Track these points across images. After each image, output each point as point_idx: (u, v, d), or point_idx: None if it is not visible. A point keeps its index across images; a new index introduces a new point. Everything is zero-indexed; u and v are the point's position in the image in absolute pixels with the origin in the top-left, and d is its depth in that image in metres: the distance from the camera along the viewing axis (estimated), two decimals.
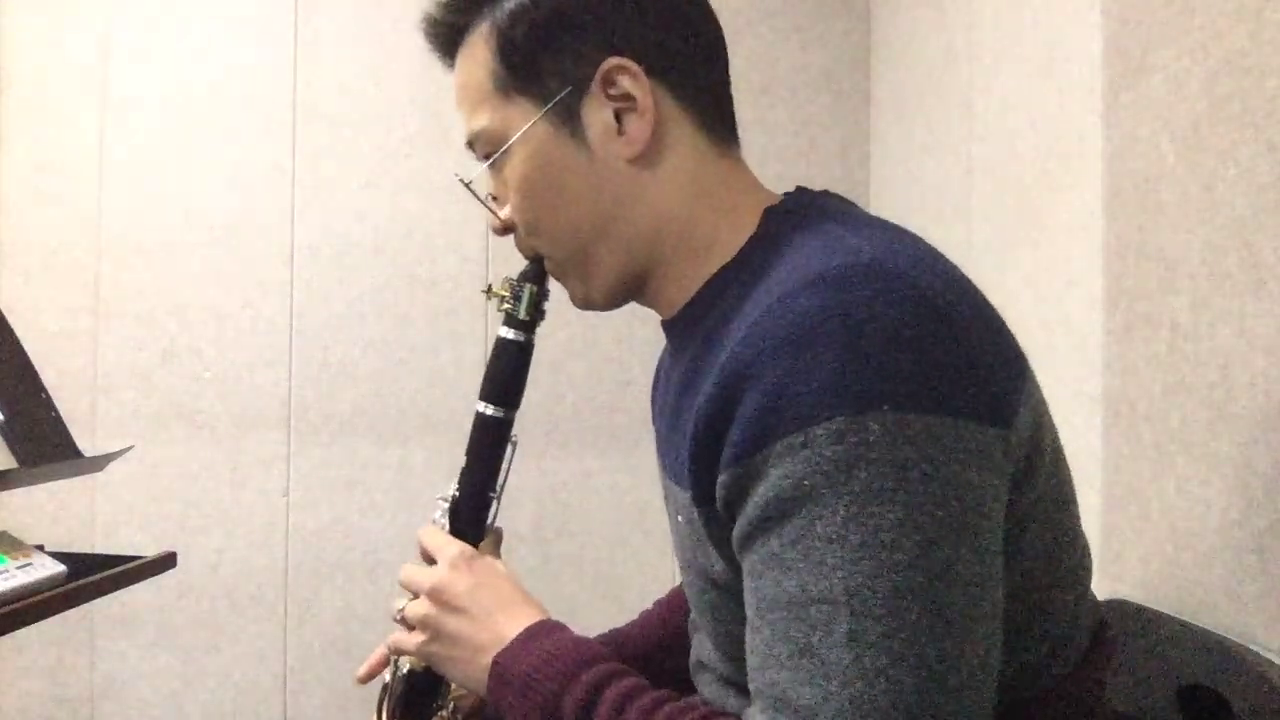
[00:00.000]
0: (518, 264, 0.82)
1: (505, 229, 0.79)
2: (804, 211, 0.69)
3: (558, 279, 0.79)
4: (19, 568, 1.02)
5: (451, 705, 0.86)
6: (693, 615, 0.81)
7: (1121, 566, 1.10)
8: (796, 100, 2.07)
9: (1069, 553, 0.66)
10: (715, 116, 0.73)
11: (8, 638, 0.99)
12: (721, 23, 0.76)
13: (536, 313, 0.80)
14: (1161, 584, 1.02)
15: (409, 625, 0.78)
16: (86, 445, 1.23)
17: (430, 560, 0.79)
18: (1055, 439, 0.66)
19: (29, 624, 0.99)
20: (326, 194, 2.09)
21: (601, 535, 2.10)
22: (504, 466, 0.82)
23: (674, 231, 0.72)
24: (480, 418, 0.82)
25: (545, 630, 0.70)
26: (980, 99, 1.52)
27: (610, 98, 0.69)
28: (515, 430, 0.83)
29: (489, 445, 0.83)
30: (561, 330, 2.05)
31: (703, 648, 0.77)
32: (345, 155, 2.09)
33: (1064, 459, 0.67)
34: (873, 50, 2.11)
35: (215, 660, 2.07)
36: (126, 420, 2.06)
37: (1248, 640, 0.84)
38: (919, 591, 0.52)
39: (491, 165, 0.76)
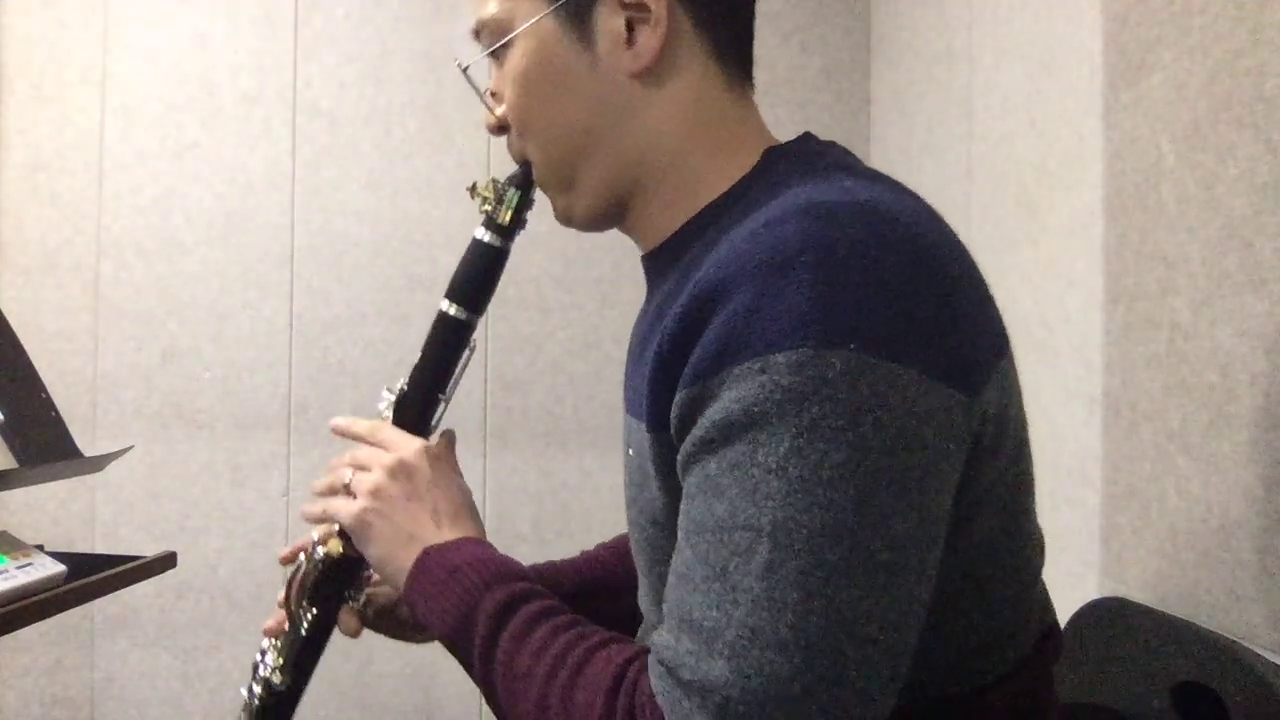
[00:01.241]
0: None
1: (500, 127, 0.75)
2: (808, 156, 0.67)
3: (542, 188, 0.76)
4: (19, 568, 1.02)
5: (364, 599, 0.85)
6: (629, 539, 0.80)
7: (1121, 566, 1.10)
8: (796, 100, 2.07)
9: (1017, 546, 0.64)
10: (732, 47, 0.70)
11: (8, 638, 0.99)
12: None
13: (517, 220, 0.77)
14: (1161, 584, 1.02)
15: (350, 493, 0.75)
16: (86, 445, 1.23)
17: (385, 449, 0.77)
18: (1022, 430, 0.63)
19: (29, 624, 0.99)
20: (326, 194, 2.09)
21: (601, 535, 2.09)
22: (458, 370, 0.80)
23: (665, 157, 0.69)
24: (443, 316, 0.79)
25: (479, 544, 0.70)
26: (980, 99, 1.52)
27: (624, 5, 0.66)
28: (474, 339, 0.80)
29: (447, 346, 0.80)
30: (562, 330, 2.05)
31: (641, 600, 0.75)
32: (345, 155, 2.09)
33: (1029, 454, 0.65)
34: (873, 50, 2.11)
35: (215, 660, 2.07)
36: (126, 420, 2.06)
37: (1248, 640, 0.84)
38: (846, 535, 0.50)
39: (493, 56, 0.72)
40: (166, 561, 1.21)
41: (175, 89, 2.09)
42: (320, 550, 0.80)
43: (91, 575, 1.08)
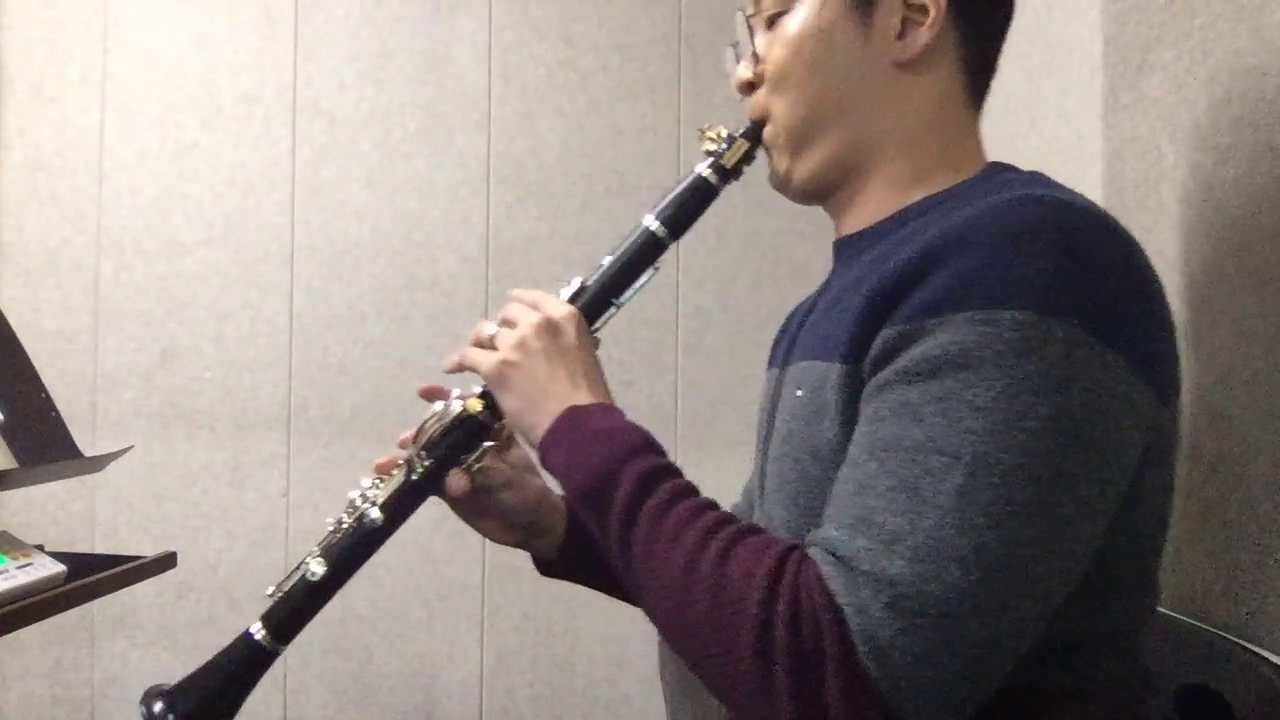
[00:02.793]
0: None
1: (750, 85, 0.80)
2: (1026, 175, 0.72)
3: (769, 148, 0.80)
4: (19, 568, 1.02)
5: (476, 469, 0.85)
6: (750, 502, 0.82)
7: None
8: None
9: (1146, 567, 0.66)
10: (979, 72, 0.76)
11: (8, 638, 0.99)
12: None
13: (738, 168, 0.81)
14: (1162, 584, 1.02)
15: (492, 346, 0.78)
16: (86, 445, 1.23)
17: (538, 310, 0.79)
18: (1174, 468, 0.67)
19: (29, 624, 0.99)
20: (326, 194, 2.09)
21: None
22: (639, 283, 0.82)
23: (899, 145, 0.74)
24: (646, 232, 0.81)
25: (621, 414, 0.73)
26: None
27: (906, 4, 0.72)
28: (659, 261, 0.82)
29: (638, 259, 0.82)
30: None
31: (765, 511, 0.77)
32: (345, 155, 2.09)
33: (1172, 491, 0.68)
34: None
35: None
36: (126, 420, 2.06)
37: (1248, 640, 0.84)
38: (1037, 483, 0.54)
39: (770, 24, 0.77)
40: (166, 561, 1.21)
41: (175, 89, 2.09)
42: (457, 404, 0.82)
43: (91, 575, 1.09)
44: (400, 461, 0.84)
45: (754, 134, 0.80)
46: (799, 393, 0.71)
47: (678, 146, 2.05)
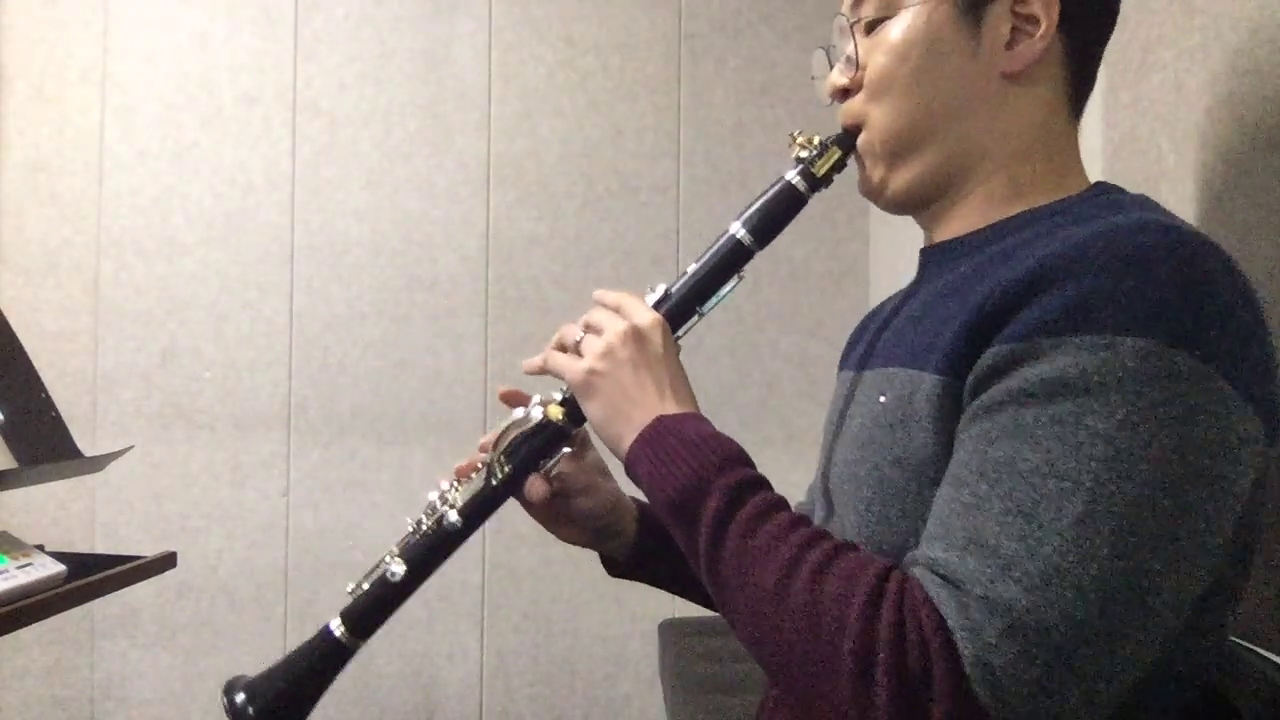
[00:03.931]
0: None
1: (843, 92, 0.78)
2: (1135, 197, 0.71)
3: (863, 156, 0.78)
4: (19, 568, 1.02)
5: (555, 470, 0.86)
6: (822, 507, 0.80)
7: None
8: (797, 100, 2.07)
9: (1241, 586, 0.64)
10: (1082, 85, 0.74)
11: (8, 638, 0.99)
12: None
13: (828, 176, 0.79)
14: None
15: (578, 352, 0.77)
16: (86, 445, 1.23)
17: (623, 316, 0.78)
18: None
19: (29, 624, 0.99)
20: (326, 194, 2.09)
21: None
22: (724, 291, 0.81)
23: (1003, 156, 0.73)
24: (731, 239, 0.79)
25: (710, 424, 0.72)
26: None
27: (1016, 14, 0.70)
28: (745, 271, 0.81)
29: (724, 266, 0.80)
30: None
31: (837, 516, 0.75)
32: (345, 155, 2.09)
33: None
34: None
35: (215, 660, 2.07)
36: (126, 420, 2.06)
37: (1248, 640, 0.84)
38: (1161, 514, 0.53)
39: (871, 30, 0.76)
40: (166, 561, 1.21)
41: (175, 89, 2.09)
42: (538, 410, 0.82)
43: (91, 575, 1.08)
44: (479, 465, 0.84)
45: (848, 142, 0.78)
46: (882, 399, 0.69)
47: (678, 147, 2.05)
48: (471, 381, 2.07)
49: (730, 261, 0.80)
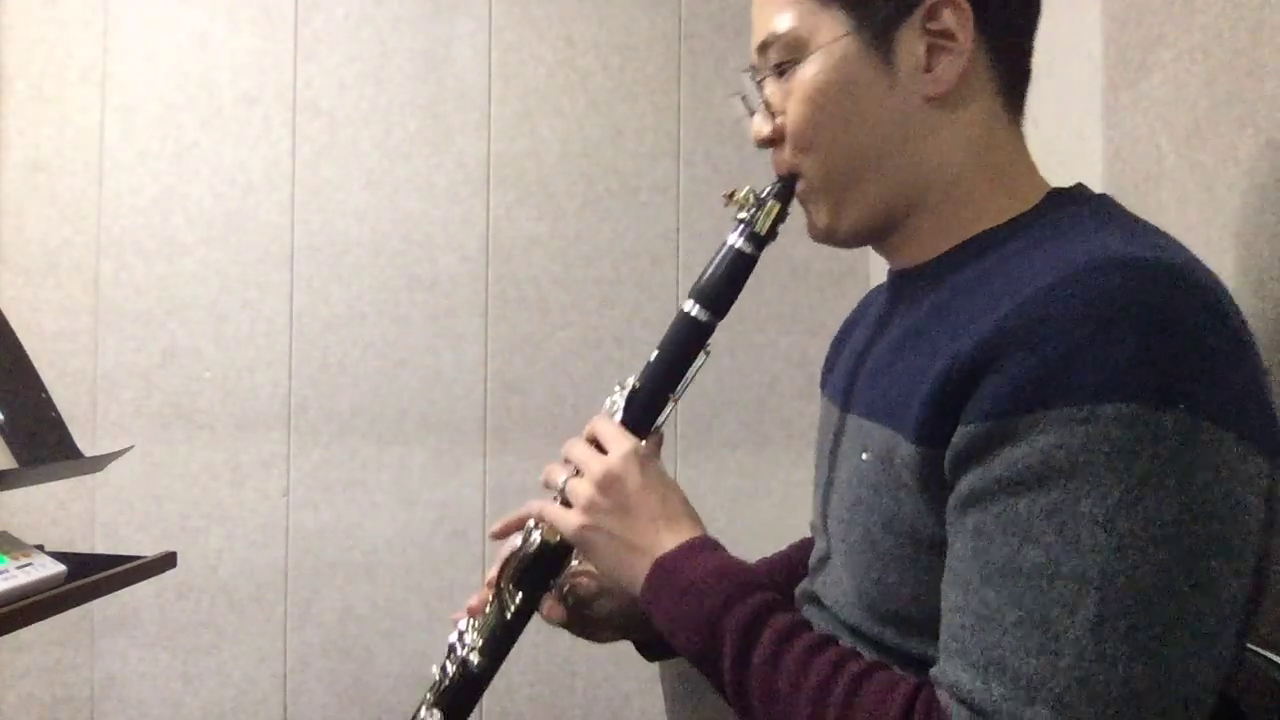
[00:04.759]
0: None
1: (769, 140, 0.74)
2: (1090, 202, 0.68)
3: (805, 203, 0.76)
4: (19, 568, 1.02)
5: (567, 585, 0.85)
6: (819, 555, 0.79)
7: None
8: None
9: (1257, 609, 0.63)
10: (1016, 85, 0.71)
11: (8, 638, 0.99)
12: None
13: (773, 230, 0.77)
14: None
15: (565, 502, 0.77)
16: (86, 445, 1.23)
17: (598, 447, 0.77)
18: None
19: (29, 624, 0.99)
20: (326, 194, 2.09)
21: None
22: (691, 372, 0.80)
23: (947, 183, 0.69)
24: (685, 317, 0.78)
25: (709, 546, 0.71)
26: None
27: (929, 31, 0.66)
28: (710, 343, 0.80)
29: (685, 347, 0.79)
30: (562, 331, 2.05)
31: (833, 589, 0.75)
32: (345, 155, 2.09)
33: None
34: None
35: (215, 660, 2.07)
36: (126, 420, 2.06)
37: (1248, 640, 0.84)
38: (1176, 595, 0.51)
39: (778, 70, 0.72)
40: (166, 561, 1.21)
41: (175, 89, 2.09)
42: (536, 535, 0.81)
43: (91, 575, 1.08)
44: (490, 599, 0.83)
45: (786, 192, 0.76)
46: (865, 456, 0.68)
47: (678, 146, 2.05)
48: (471, 381, 2.07)
49: (692, 341, 0.79)
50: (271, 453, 2.07)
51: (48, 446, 1.16)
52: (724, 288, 0.78)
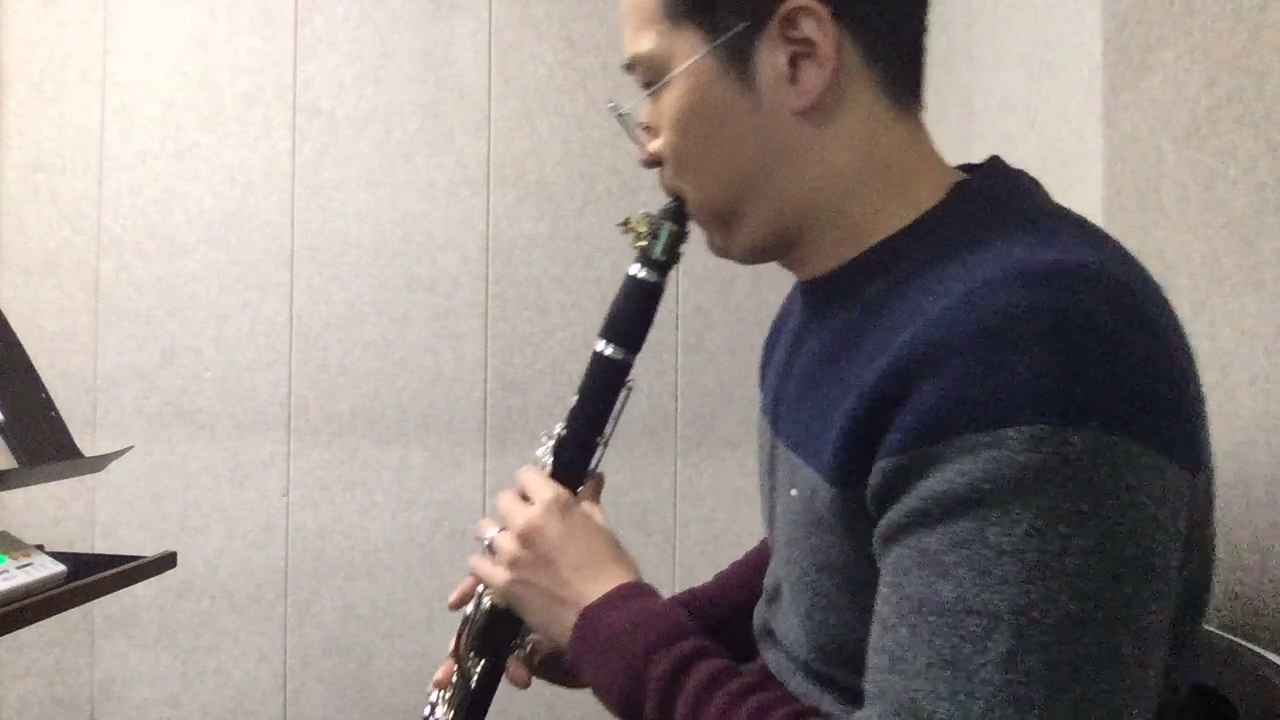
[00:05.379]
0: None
1: (652, 162, 0.71)
2: (1002, 196, 0.63)
3: (698, 223, 0.72)
4: (19, 568, 1.02)
5: (530, 647, 0.83)
6: (771, 582, 0.77)
7: None
8: None
9: (1198, 618, 0.60)
10: (902, 75, 0.65)
11: (8, 638, 0.99)
12: None
13: (673, 254, 0.74)
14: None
15: (493, 552, 0.75)
16: (86, 445, 1.23)
17: (526, 499, 0.76)
18: (1214, 487, 0.60)
19: (29, 624, 0.99)
20: (326, 194, 2.09)
21: None
22: (616, 411, 0.78)
23: (836, 196, 0.65)
24: (598, 358, 0.77)
25: (634, 593, 0.68)
26: (980, 99, 1.52)
27: (788, 40, 0.62)
28: (631, 376, 0.78)
29: (603, 388, 0.77)
30: (561, 330, 2.05)
31: (783, 623, 0.73)
32: (345, 155, 2.09)
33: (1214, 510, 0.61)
34: None
35: (215, 660, 2.07)
36: (126, 420, 2.06)
37: (1248, 640, 0.84)
38: (1093, 626, 0.48)
39: (650, 94, 0.69)
40: (166, 561, 1.21)
41: (175, 89, 2.09)
42: (487, 600, 0.79)
43: (91, 575, 1.08)
44: (454, 670, 0.82)
45: (677, 214, 0.72)
46: (794, 492, 0.66)
47: None
48: (471, 381, 2.07)
49: (610, 381, 0.77)
50: (271, 453, 2.07)
51: (48, 446, 1.16)
52: (632, 322, 0.76)
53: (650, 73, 0.68)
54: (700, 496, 2.06)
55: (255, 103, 2.09)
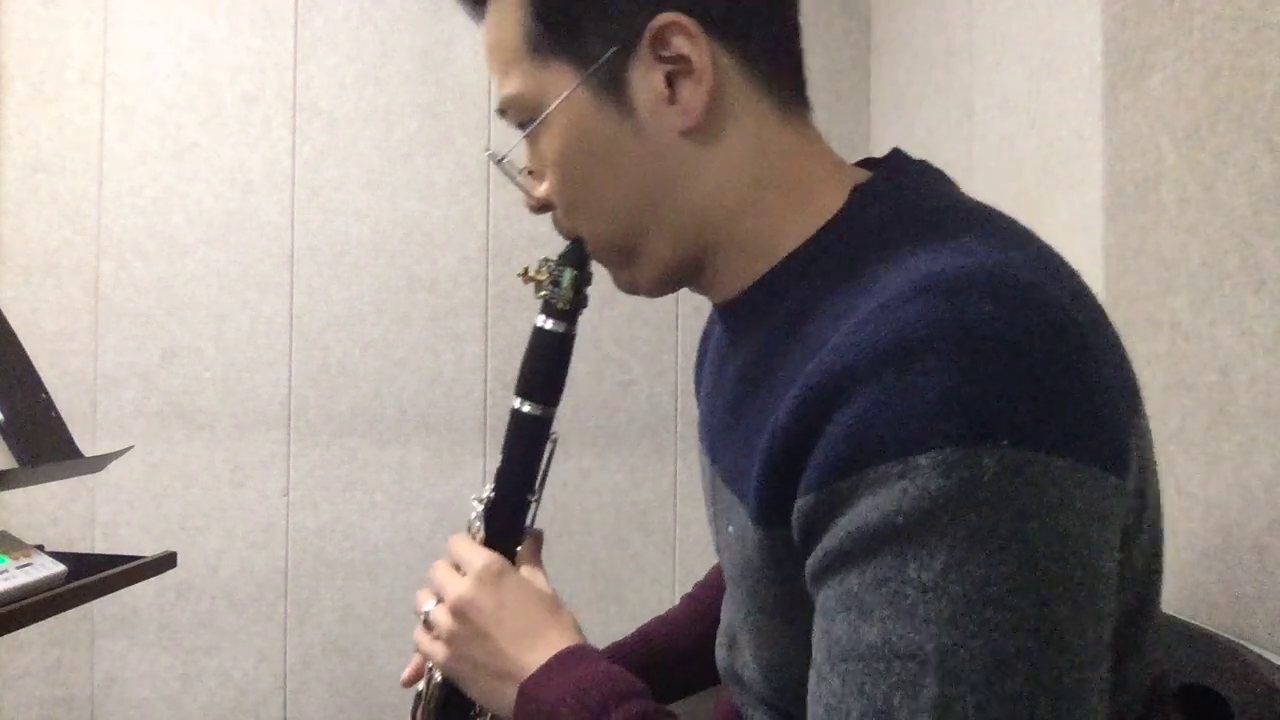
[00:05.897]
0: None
1: (542, 207, 0.70)
2: (904, 196, 0.61)
3: (600, 262, 0.70)
4: (19, 568, 1.02)
5: (490, 716, 0.80)
6: (726, 622, 0.76)
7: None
8: None
9: (1146, 621, 0.58)
10: (784, 78, 0.63)
11: (8, 638, 0.99)
12: None
13: (578, 299, 0.72)
14: (1163, 590, 1.02)
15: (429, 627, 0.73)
16: (86, 445, 1.23)
17: (459, 569, 0.73)
18: (1157, 485, 0.57)
19: (29, 624, 0.99)
20: (326, 194, 2.09)
21: (601, 536, 2.10)
22: (542, 466, 0.76)
23: (734, 214, 0.63)
24: (516, 415, 0.75)
25: (574, 659, 0.65)
26: (980, 99, 1.52)
27: (661, 60, 0.60)
28: (555, 428, 0.76)
29: (526, 444, 0.75)
30: None
31: (739, 661, 0.71)
32: (345, 155, 2.09)
33: (1160, 509, 0.58)
34: (872, 50, 2.11)
35: (215, 660, 2.07)
36: (126, 420, 2.06)
37: (1248, 640, 0.84)
38: (1025, 659, 0.45)
39: (527, 136, 0.68)
40: (166, 561, 1.21)
41: (175, 89, 2.09)
42: (438, 674, 0.77)
43: (91, 575, 1.08)
44: None
45: (577, 257, 0.70)
46: (731, 529, 0.64)
47: None
48: (471, 381, 2.07)
49: (532, 437, 0.75)
50: (271, 453, 2.08)
51: (48, 446, 1.16)
52: (545, 375, 0.75)
53: (523, 114, 0.66)
54: (700, 496, 2.06)
55: (255, 103, 2.09)
